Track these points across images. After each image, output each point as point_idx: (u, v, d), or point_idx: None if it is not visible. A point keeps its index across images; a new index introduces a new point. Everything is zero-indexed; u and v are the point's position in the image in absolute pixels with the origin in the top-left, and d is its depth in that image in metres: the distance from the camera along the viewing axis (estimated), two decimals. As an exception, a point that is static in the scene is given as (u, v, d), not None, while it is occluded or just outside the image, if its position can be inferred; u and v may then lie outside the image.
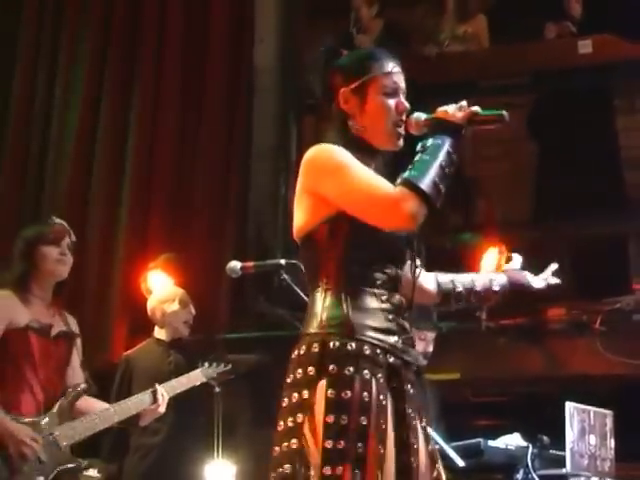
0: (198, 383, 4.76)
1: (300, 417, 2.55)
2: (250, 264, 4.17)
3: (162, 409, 4.49)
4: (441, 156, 2.59)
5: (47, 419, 4.05)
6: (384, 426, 2.55)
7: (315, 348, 2.59)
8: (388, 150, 2.79)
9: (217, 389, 4.83)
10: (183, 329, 5.31)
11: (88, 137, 6.76)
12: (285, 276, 3.97)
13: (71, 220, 6.46)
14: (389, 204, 2.56)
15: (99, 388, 4.61)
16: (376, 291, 2.65)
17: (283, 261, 4.06)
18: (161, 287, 5.65)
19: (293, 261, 3.99)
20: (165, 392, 4.53)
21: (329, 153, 2.67)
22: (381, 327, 2.62)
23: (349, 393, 2.53)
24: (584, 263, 6.15)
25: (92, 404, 4.29)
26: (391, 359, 2.62)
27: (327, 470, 2.51)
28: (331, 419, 2.52)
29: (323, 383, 2.55)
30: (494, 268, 5.70)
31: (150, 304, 5.38)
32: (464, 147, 2.68)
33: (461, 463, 4.43)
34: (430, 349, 5.00)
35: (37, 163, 6.85)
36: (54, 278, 4.20)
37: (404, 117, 2.75)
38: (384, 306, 2.65)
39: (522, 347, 5.80)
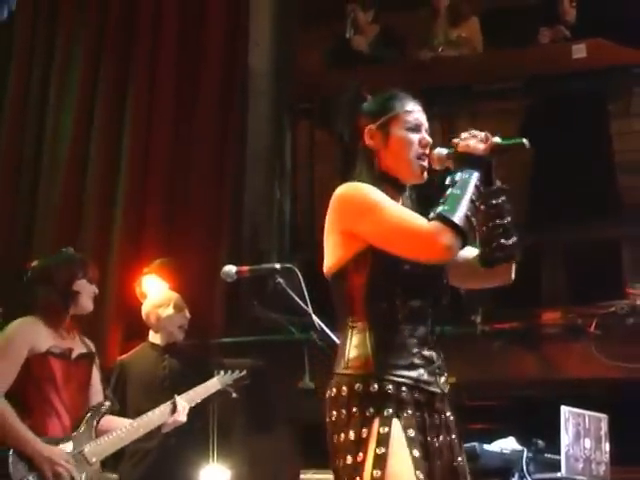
0: (214, 391, 4.83)
1: (342, 461, 2.65)
2: (245, 268, 4.17)
3: (183, 418, 4.63)
4: (470, 190, 2.66)
5: (75, 439, 4.18)
6: (417, 455, 2.60)
7: (343, 392, 2.68)
8: (414, 184, 2.87)
9: (234, 395, 4.91)
10: (178, 333, 5.30)
11: (82, 140, 6.75)
12: (280, 280, 3.98)
13: (65, 223, 6.56)
14: (426, 238, 2.62)
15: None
16: (400, 326, 2.70)
17: (278, 265, 4.06)
18: (156, 291, 5.64)
19: (288, 265, 4.00)
20: (185, 402, 4.63)
21: (362, 192, 2.74)
22: (405, 364, 2.67)
23: (366, 432, 2.61)
24: (578, 267, 6.15)
25: (114, 422, 4.42)
26: (416, 394, 2.67)
27: None
28: (349, 460, 2.62)
29: (348, 427, 2.64)
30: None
31: (145, 308, 5.37)
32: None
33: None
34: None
35: (31, 166, 6.84)
36: (83, 311, 4.37)
37: (427, 151, 2.83)
38: (408, 341, 2.69)
39: (517, 351, 5.80)
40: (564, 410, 4.64)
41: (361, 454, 2.59)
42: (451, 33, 6.99)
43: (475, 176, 2.68)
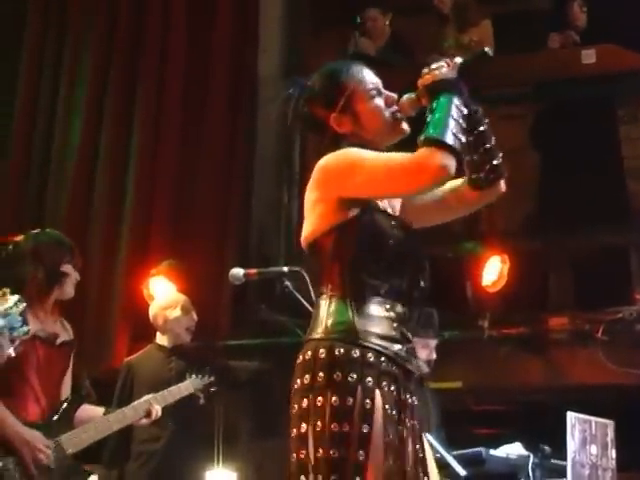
0: (186, 393, 4.74)
1: (309, 425, 2.56)
2: (253, 271, 4.17)
3: (152, 419, 4.46)
4: (451, 110, 2.60)
5: (52, 426, 4.08)
6: (391, 436, 2.56)
7: (322, 354, 2.59)
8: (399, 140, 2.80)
9: (202, 401, 4.80)
10: (185, 335, 5.31)
11: (91, 143, 6.78)
12: (288, 283, 3.98)
13: (73, 226, 6.58)
14: (419, 165, 2.56)
15: (101, 393, 4.62)
16: (380, 299, 2.65)
17: (286, 268, 4.06)
18: (163, 293, 5.66)
19: (296, 269, 4.00)
20: (159, 403, 4.50)
21: (344, 154, 2.68)
22: (386, 334, 2.63)
23: (351, 400, 2.54)
24: (586, 273, 6.15)
25: (91, 412, 4.30)
26: (393, 367, 2.62)
27: (326, 476, 2.51)
28: (336, 427, 2.53)
29: (329, 390, 2.55)
30: (497, 277, 5.74)
31: (152, 310, 5.38)
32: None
33: (462, 472, 4.44)
34: (433, 356, 5.02)
35: (40, 169, 6.87)
36: (64, 296, 4.25)
37: (396, 106, 2.77)
38: (388, 314, 2.65)
39: (524, 356, 5.80)
40: (570, 416, 4.63)
41: (347, 425, 2.51)
42: (462, 37, 6.98)
43: (453, 98, 2.62)
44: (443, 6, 6.98)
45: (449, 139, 2.55)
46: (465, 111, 2.64)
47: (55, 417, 4.10)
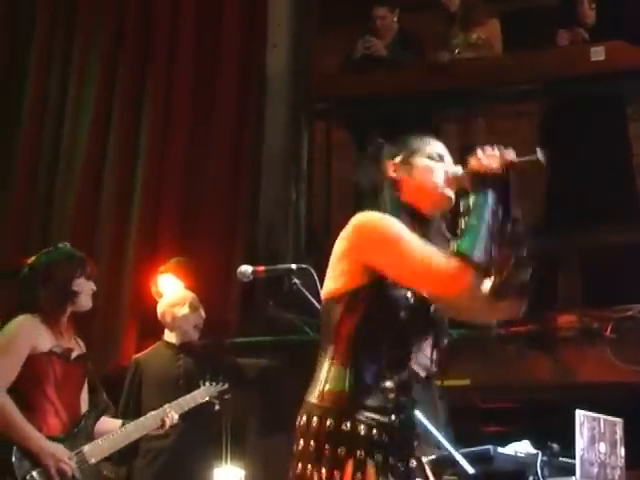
0: (201, 401, 4.82)
1: None
2: (261, 268, 4.18)
3: (166, 427, 4.60)
4: (487, 217, 2.61)
5: (74, 438, 4.20)
6: None
7: (314, 423, 2.64)
8: (439, 215, 2.82)
9: (217, 407, 4.87)
10: (193, 333, 5.32)
11: (100, 142, 6.79)
12: (296, 280, 3.98)
13: (82, 219, 6.59)
14: (447, 277, 2.59)
15: (109, 390, 4.65)
16: (382, 370, 2.66)
17: (294, 266, 4.07)
18: (171, 290, 5.67)
19: (304, 266, 4.00)
20: (175, 412, 4.62)
21: (383, 223, 2.68)
22: (378, 406, 2.64)
23: (338, 475, 2.58)
24: (595, 271, 6.14)
25: (109, 424, 4.44)
26: (385, 438, 2.63)
27: None
28: None
29: (319, 462, 2.61)
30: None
31: (160, 307, 5.39)
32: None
33: (470, 470, 4.42)
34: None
35: (48, 168, 6.87)
36: (82, 309, 4.35)
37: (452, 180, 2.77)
38: (387, 385, 2.66)
39: (532, 354, 5.79)
40: (579, 414, 4.62)
41: None
42: (470, 35, 6.97)
43: (490, 200, 2.62)
44: (450, 4, 6.96)
45: (481, 258, 2.57)
46: (501, 214, 2.63)
47: (76, 430, 4.22)
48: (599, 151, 6.33)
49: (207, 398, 4.82)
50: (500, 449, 4.71)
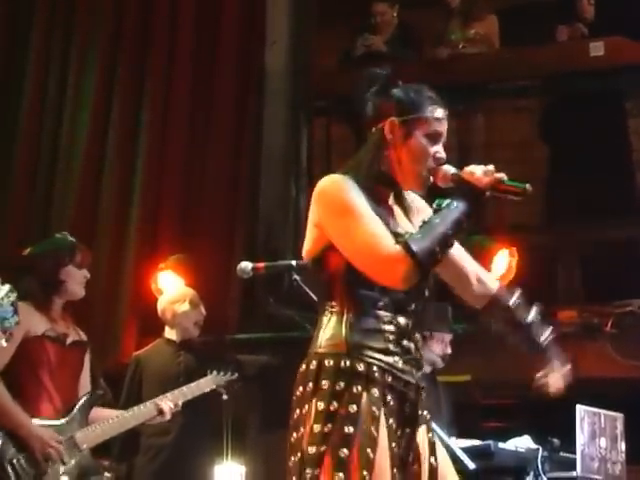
0: (207, 390, 4.78)
1: (299, 433, 2.64)
2: (261, 265, 4.18)
3: (168, 417, 4.54)
4: (450, 224, 2.62)
5: (66, 423, 4.18)
6: (376, 434, 2.59)
7: (313, 366, 2.66)
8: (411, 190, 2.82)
9: (225, 397, 4.85)
10: (193, 330, 5.32)
11: (99, 141, 6.79)
12: (296, 277, 3.98)
13: (82, 218, 6.60)
14: (384, 264, 2.60)
15: (110, 388, 4.65)
16: (378, 313, 2.68)
17: (294, 262, 4.06)
18: (172, 287, 5.67)
19: (304, 262, 3.99)
20: (174, 400, 4.56)
21: (340, 193, 2.69)
22: (380, 348, 2.66)
23: (336, 404, 2.59)
24: (595, 266, 6.14)
25: (104, 412, 4.40)
26: (389, 378, 2.65)
27: (308, 472, 2.58)
28: (317, 428, 2.59)
29: (316, 397, 2.62)
30: (506, 271, 5.73)
31: (160, 304, 5.39)
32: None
33: (471, 465, 4.43)
34: (448, 351, 5.05)
35: (48, 166, 6.87)
36: (73, 297, 4.35)
37: (435, 166, 2.75)
38: (386, 327, 2.67)
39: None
40: (580, 409, 4.63)
41: (329, 425, 2.57)
42: (468, 31, 6.97)
43: (462, 209, 2.63)
44: (452, 1, 6.98)
45: (423, 254, 2.57)
46: (465, 227, 2.64)
47: (69, 415, 4.19)
48: (598, 146, 6.33)
49: (213, 387, 4.79)
50: (501, 444, 4.72)
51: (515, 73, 6.71)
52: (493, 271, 5.78)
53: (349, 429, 2.56)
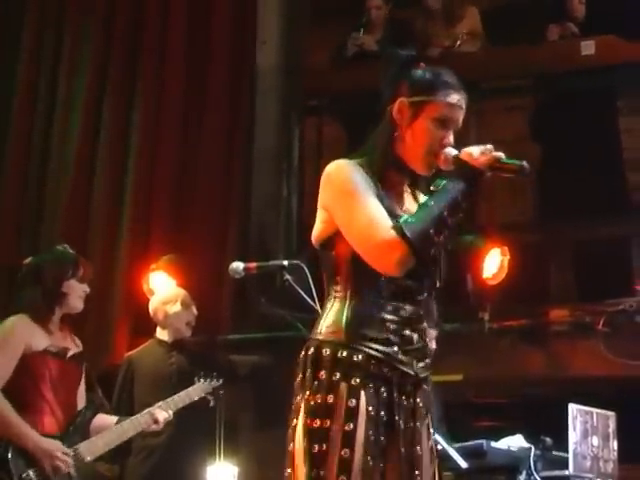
0: (196, 398, 4.79)
1: (295, 421, 2.64)
2: (253, 265, 4.18)
3: (162, 426, 4.58)
4: (446, 204, 2.59)
5: (70, 435, 4.21)
6: (373, 437, 2.59)
7: (311, 353, 2.66)
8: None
9: (212, 403, 4.86)
10: (185, 330, 5.32)
11: (90, 140, 6.77)
12: (288, 277, 3.99)
13: (73, 218, 6.58)
14: (378, 249, 2.58)
15: (102, 388, 4.66)
16: (382, 301, 2.67)
17: (286, 262, 4.08)
18: (163, 288, 5.67)
19: (295, 262, 4.01)
20: (166, 409, 4.59)
21: (342, 174, 2.70)
22: (379, 337, 2.65)
23: (332, 397, 2.59)
24: (587, 265, 6.15)
25: (105, 420, 4.44)
26: (385, 369, 2.65)
27: (314, 474, 2.57)
28: (317, 423, 2.59)
29: (313, 388, 2.62)
30: (497, 270, 5.74)
31: (152, 305, 5.39)
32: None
33: (464, 464, 4.44)
34: (433, 346, 5.02)
35: (39, 166, 6.85)
36: (72, 311, 4.36)
37: (441, 149, 2.73)
38: (387, 317, 2.66)
39: (525, 349, 5.80)
40: (572, 408, 4.64)
41: (328, 421, 2.57)
42: (453, 31, 6.95)
43: (460, 189, 2.60)
44: (432, 4, 6.97)
45: (417, 238, 2.55)
46: (463, 207, 2.62)
47: (71, 428, 4.23)
48: (590, 145, 6.34)
49: (202, 394, 4.80)
50: (493, 443, 4.73)
51: (507, 72, 6.71)
52: (485, 270, 5.80)
53: (349, 426, 2.56)
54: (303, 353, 2.69)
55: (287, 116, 6.85)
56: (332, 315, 2.68)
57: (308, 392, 2.62)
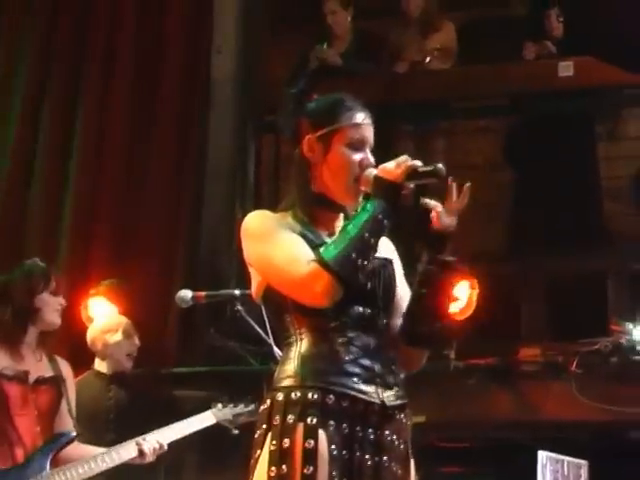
0: (208, 424, 4.72)
1: (254, 474, 2.66)
2: (202, 293, 4.17)
3: (151, 459, 4.49)
4: (367, 225, 2.64)
5: (24, 469, 4.12)
6: (336, 479, 2.58)
7: (266, 405, 2.70)
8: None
9: (235, 431, 4.74)
10: (126, 362, 5.28)
11: (27, 155, 6.72)
12: (239, 307, 3.97)
13: (7, 234, 6.51)
14: (301, 284, 2.63)
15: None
16: (330, 335, 2.69)
17: (237, 291, 4.06)
18: (103, 315, 5.62)
19: (248, 291, 3.97)
20: (158, 440, 4.49)
21: (255, 222, 2.80)
22: (334, 370, 2.66)
23: (288, 441, 2.60)
24: (560, 300, 6.18)
25: (82, 450, 4.38)
26: (345, 403, 2.65)
27: None
28: (273, 472, 2.59)
29: (268, 437, 2.64)
30: (465, 304, 5.75)
31: (90, 334, 5.35)
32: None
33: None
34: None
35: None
36: (49, 327, 4.36)
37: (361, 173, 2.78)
38: (340, 349, 2.68)
39: (492, 389, 5.81)
40: (541, 455, 4.65)
41: (284, 467, 2.58)
42: (426, 44, 6.98)
43: (379, 207, 2.65)
44: (411, 11, 6.99)
45: (340, 265, 2.59)
46: (386, 225, 2.66)
47: (31, 460, 4.14)
48: (567, 172, 6.38)
49: (213, 421, 4.72)
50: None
51: (479, 91, 6.75)
52: (452, 304, 5.80)
53: (308, 469, 2.56)
54: (260, 410, 2.72)
55: (242, 131, 6.84)
56: (284, 363, 2.72)
57: (263, 443, 2.65)
